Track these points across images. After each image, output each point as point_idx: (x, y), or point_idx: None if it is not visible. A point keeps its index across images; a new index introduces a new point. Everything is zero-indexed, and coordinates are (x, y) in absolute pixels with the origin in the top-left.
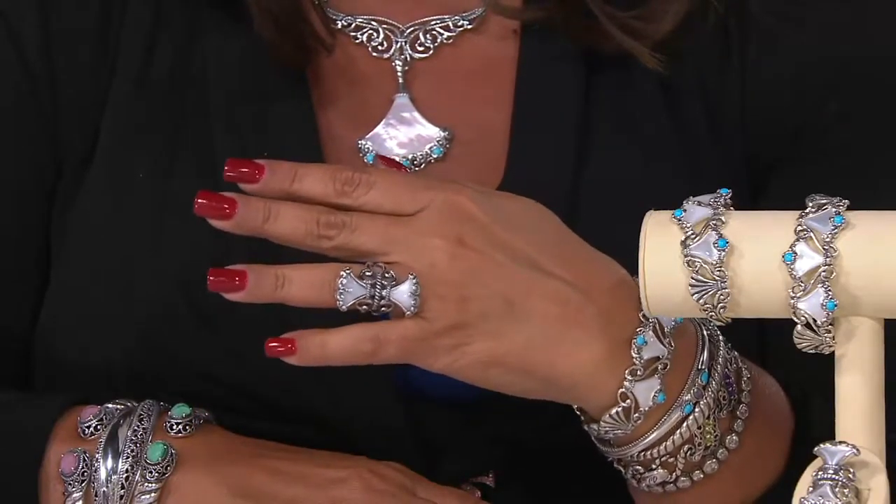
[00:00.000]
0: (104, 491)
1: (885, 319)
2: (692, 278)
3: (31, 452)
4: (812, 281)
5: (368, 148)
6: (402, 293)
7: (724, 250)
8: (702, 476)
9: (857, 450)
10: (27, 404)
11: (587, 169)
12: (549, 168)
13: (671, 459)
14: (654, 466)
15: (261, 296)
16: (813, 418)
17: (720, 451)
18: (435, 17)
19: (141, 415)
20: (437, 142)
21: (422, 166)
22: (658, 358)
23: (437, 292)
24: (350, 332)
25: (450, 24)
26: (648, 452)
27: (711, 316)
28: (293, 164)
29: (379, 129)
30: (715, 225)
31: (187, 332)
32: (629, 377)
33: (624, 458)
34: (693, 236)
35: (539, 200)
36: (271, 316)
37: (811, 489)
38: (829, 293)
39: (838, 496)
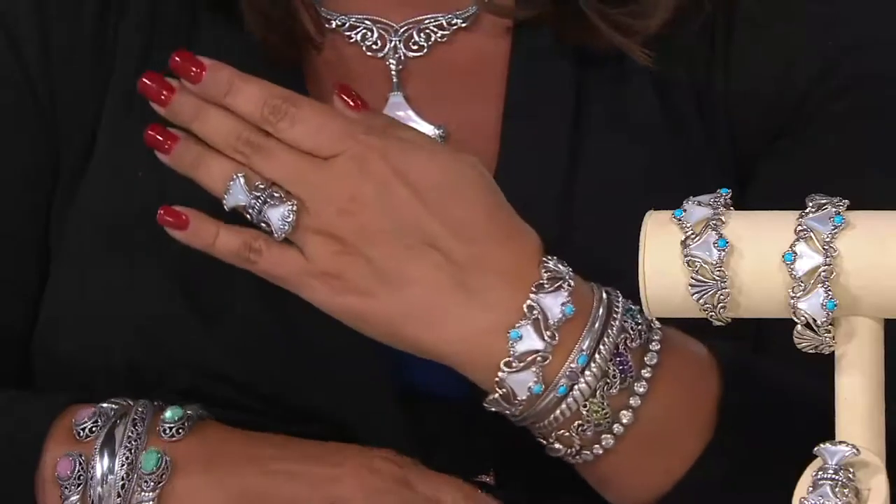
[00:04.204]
0: (99, 493)
1: (885, 319)
2: (692, 278)
3: (28, 454)
4: (812, 281)
5: None
6: (276, 214)
7: (724, 250)
8: (601, 451)
9: (857, 450)
10: (23, 405)
11: (580, 166)
12: (541, 166)
13: (565, 434)
14: (551, 440)
15: (180, 165)
16: (747, 385)
17: (615, 426)
18: (428, 16)
19: (135, 419)
20: None
21: None
22: (536, 351)
23: (320, 238)
24: (240, 235)
25: (443, 22)
26: (538, 427)
27: (711, 316)
28: (234, 74)
29: None
30: (715, 225)
31: (187, 330)
32: (504, 368)
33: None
34: (693, 236)
35: (530, 199)
36: (272, 313)
37: (811, 489)
38: (829, 293)
39: (838, 496)
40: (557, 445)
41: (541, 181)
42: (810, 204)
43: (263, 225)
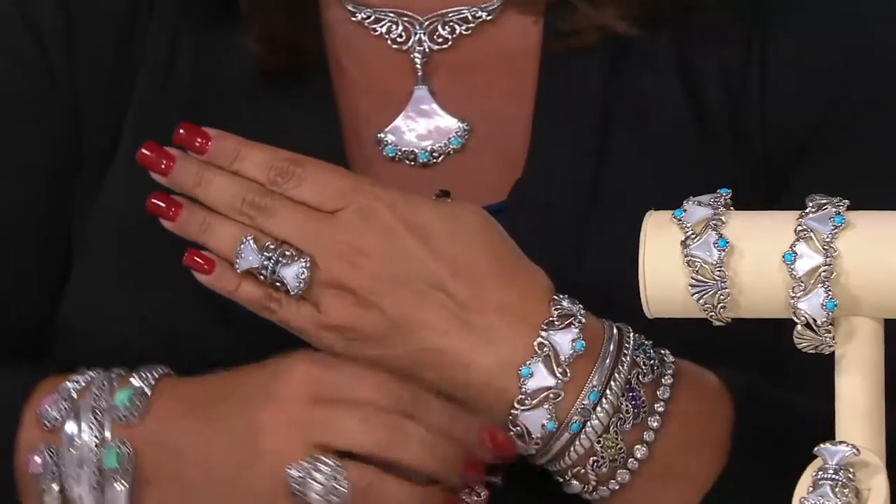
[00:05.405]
0: (78, 493)
1: (885, 319)
2: (692, 278)
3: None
4: (812, 281)
5: (389, 140)
6: (290, 273)
7: (724, 250)
8: (617, 486)
9: (858, 450)
10: None
11: (608, 163)
12: (569, 162)
13: (581, 471)
14: (567, 478)
15: (186, 232)
16: (759, 412)
17: (629, 461)
18: (453, 9)
19: (94, 406)
20: (456, 133)
21: (440, 158)
22: (548, 388)
23: (332, 291)
24: (262, 285)
25: (468, 15)
26: (553, 465)
27: (711, 316)
28: (239, 142)
29: (398, 121)
30: (715, 225)
31: (204, 327)
32: (517, 405)
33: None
34: (693, 236)
35: (559, 194)
36: None
37: (811, 489)
38: (829, 293)
39: (838, 496)
40: (574, 483)
41: (569, 176)
42: (810, 204)
43: (278, 284)
